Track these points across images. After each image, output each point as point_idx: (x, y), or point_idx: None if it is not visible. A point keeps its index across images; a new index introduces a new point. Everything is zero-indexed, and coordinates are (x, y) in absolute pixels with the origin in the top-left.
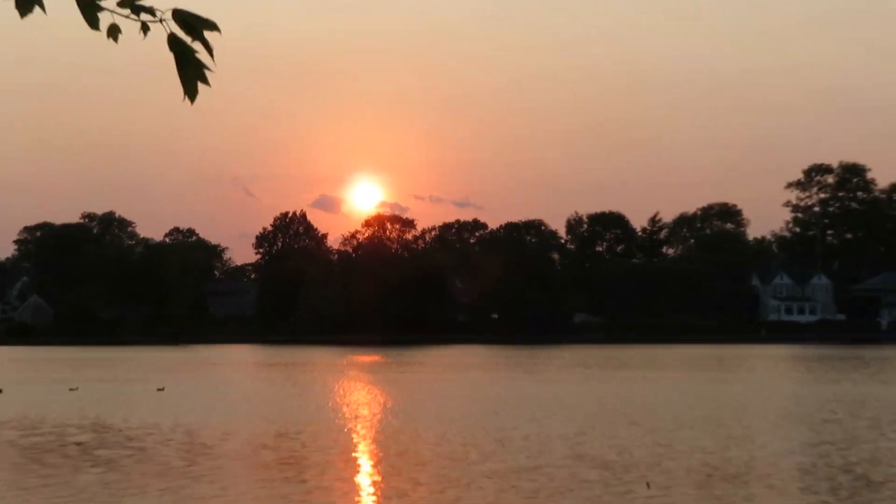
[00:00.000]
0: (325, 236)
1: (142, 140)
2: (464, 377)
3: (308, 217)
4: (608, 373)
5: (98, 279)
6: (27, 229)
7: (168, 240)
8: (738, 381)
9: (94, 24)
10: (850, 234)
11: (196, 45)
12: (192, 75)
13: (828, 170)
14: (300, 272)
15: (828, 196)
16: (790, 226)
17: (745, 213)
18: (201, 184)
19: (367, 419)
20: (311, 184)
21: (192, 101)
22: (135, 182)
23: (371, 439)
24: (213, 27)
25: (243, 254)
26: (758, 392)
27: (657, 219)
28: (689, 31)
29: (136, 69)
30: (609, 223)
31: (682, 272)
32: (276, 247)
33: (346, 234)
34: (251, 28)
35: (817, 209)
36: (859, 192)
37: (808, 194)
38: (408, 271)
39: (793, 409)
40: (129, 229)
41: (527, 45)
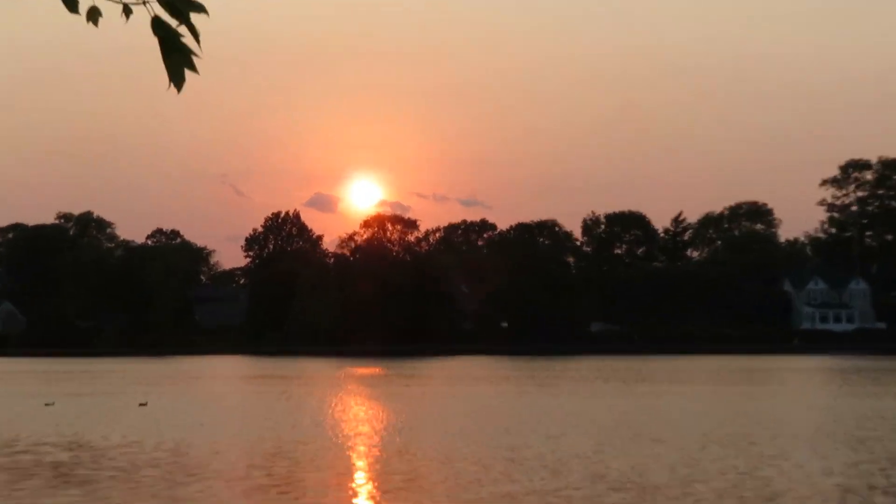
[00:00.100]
0: (320, 238)
1: (122, 133)
2: (471, 391)
3: (302, 217)
4: (628, 386)
5: (75, 285)
6: None
7: (150, 242)
8: (769, 395)
9: (72, 6)
10: (890, 236)
11: (182, 30)
12: (178, 62)
13: (866, 165)
14: (293, 277)
15: (866, 194)
16: (825, 226)
17: (777, 213)
18: (186, 181)
19: (368, 437)
20: (305, 181)
21: (178, 90)
22: (114, 179)
23: (372, 458)
24: (201, 9)
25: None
26: (791, 407)
27: (681, 219)
28: (715, 12)
29: (118, 55)
30: (628, 223)
31: (708, 277)
32: (268, 249)
33: (344, 236)
34: (241, 11)
35: (855, 208)
36: None
37: (844, 192)
38: (410, 276)
39: (829, 426)
40: (108, 231)
41: (539, 28)
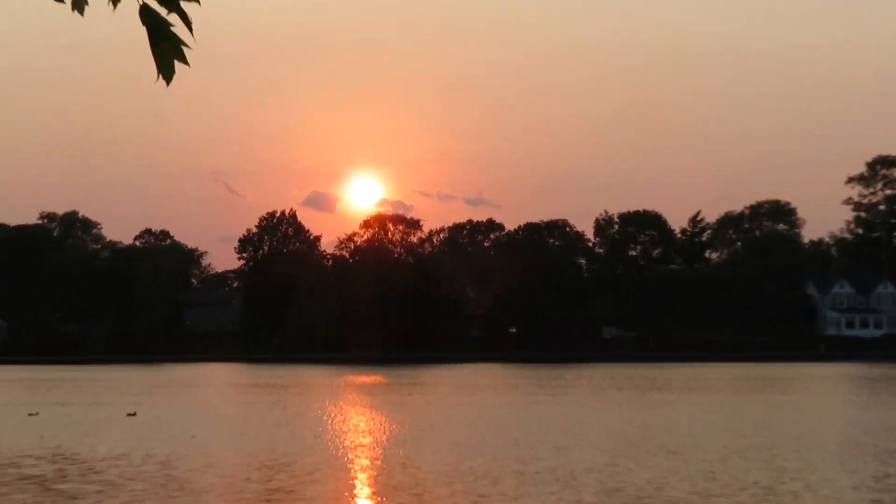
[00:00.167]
0: (317, 239)
1: (109, 129)
2: (477, 400)
3: (298, 217)
4: (643, 395)
5: (59, 288)
6: None
7: (139, 243)
8: (793, 405)
9: None
10: None
11: (172, 18)
12: (167, 52)
13: (895, 162)
14: (289, 280)
15: (895, 192)
16: (851, 226)
17: (800, 212)
18: (176, 179)
19: (369, 449)
20: (302, 178)
21: (167, 83)
22: (100, 177)
23: (374, 472)
24: None
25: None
26: (816, 418)
27: (699, 218)
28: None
29: (104, 46)
30: (643, 223)
31: (728, 280)
32: (262, 251)
33: (342, 237)
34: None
35: (883, 207)
36: None
37: (872, 190)
38: (412, 279)
39: (856, 438)
40: (94, 231)
41: (548, 17)
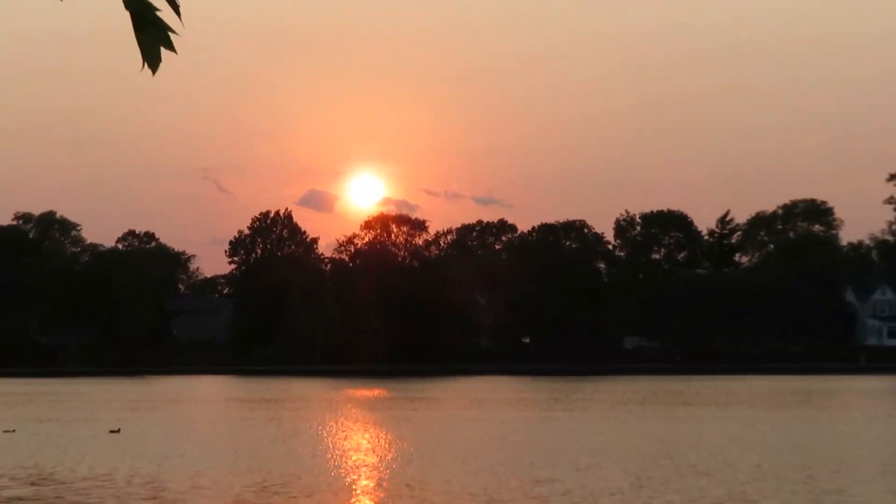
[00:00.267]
0: (315, 241)
1: (89, 123)
2: (489, 416)
3: (294, 217)
4: (669, 410)
5: (35, 295)
6: None
7: (121, 246)
8: (830, 421)
9: None
10: None
11: (159, 3)
12: (152, 39)
13: None
14: (284, 285)
15: None
16: (893, 227)
17: (837, 212)
18: (162, 177)
19: (372, 468)
20: (297, 176)
21: (153, 72)
22: (80, 175)
23: (377, 493)
24: None
25: (214, 263)
26: (856, 435)
27: (728, 219)
28: None
29: (84, 34)
30: (667, 224)
31: (759, 285)
32: (255, 254)
33: (342, 239)
34: None
35: None
36: None
37: None
38: (417, 284)
39: None
40: (74, 233)
41: (565, 4)
